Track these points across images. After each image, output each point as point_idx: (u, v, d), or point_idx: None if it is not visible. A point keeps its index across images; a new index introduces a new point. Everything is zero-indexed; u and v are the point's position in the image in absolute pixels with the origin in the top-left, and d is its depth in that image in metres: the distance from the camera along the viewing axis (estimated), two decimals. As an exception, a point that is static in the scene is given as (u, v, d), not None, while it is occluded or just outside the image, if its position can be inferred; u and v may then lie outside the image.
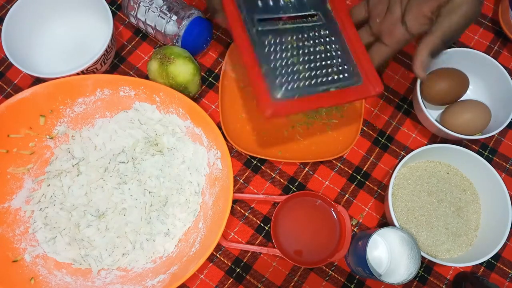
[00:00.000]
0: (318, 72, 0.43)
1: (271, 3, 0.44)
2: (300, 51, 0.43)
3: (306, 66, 0.43)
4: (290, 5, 0.44)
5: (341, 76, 0.44)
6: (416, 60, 0.42)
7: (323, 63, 0.44)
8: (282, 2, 0.44)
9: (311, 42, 0.44)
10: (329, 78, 0.43)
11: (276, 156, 0.55)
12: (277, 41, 0.43)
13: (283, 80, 0.42)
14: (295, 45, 0.43)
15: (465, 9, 0.38)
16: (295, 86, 0.42)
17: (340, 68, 0.44)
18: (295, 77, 0.42)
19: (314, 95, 0.42)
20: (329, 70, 0.44)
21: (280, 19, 0.44)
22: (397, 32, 0.42)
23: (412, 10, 0.41)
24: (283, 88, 0.41)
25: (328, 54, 0.44)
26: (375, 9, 0.45)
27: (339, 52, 0.45)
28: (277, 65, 0.42)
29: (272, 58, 0.42)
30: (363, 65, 0.45)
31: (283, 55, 0.43)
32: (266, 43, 0.43)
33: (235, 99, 0.58)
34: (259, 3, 0.44)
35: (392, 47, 0.44)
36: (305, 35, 0.44)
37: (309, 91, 0.42)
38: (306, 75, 0.43)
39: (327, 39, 0.45)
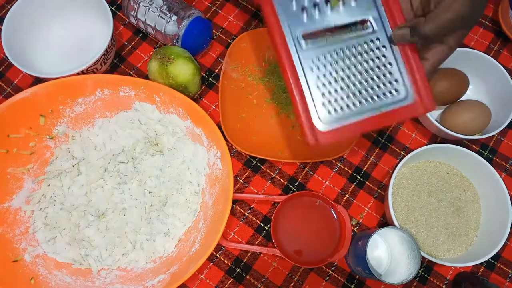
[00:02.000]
0: (368, 93, 0.39)
1: (317, 12, 0.38)
2: (350, 70, 0.39)
3: (356, 88, 0.39)
4: (338, 13, 0.39)
5: (393, 94, 0.39)
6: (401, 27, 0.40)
7: (374, 81, 0.39)
8: (329, 10, 0.39)
9: (361, 56, 0.39)
10: (380, 99, 0.39)
11: (276, 156, 0.55)
12: (325, 60, 0.39)
13: (330, 108, 0.38)
14: (343, 63, 0.39)
15: (456, 7, 0.37)
16: (342, 112, 0.38)
17: (392, 85, 0.40)
18: (343, 103, 0.39)
19: (363, 119, 0.39)
20: (380, 89, 0.39)
21: (327, 31, 0.39)
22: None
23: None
24: (331, 117, 0.38)
25: (379, 70, 0.40)
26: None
27: (390, 65, 0.40)
28: (325, 90, 0.38)
29: (319, 81, 0.38)
30: (416, 79, 0.40)
31: (331, 77, 0.39)
32: (313, 63, 0.38)
33: (235, 99, 0.58)
34: (304, 15, 0.38)
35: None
36: (355, 49, 0.39)
37: (358, 116, 0.39)
38: (355, 100, 0.39)
39: (378, 50, 0.40)
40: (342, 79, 0.39)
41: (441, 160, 0.56)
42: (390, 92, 0.40)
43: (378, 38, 0.40)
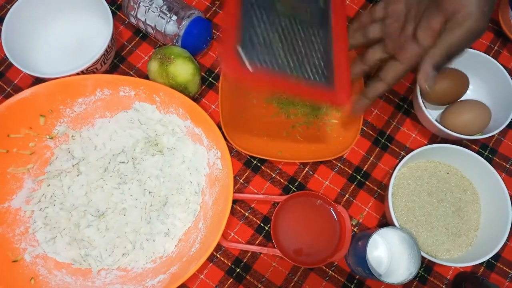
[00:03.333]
0: (293, 57, 0.42)
1: None
2: (285, 32, 0.42)
3: (284, 46, 0.41)
4: None
5: (314, 69, 0.42)
6: (420, 72, 0.42)
7: (302, 51, 0.42)
8: None
9: (299, 30, 0.43)
10: (302, 67, 0.42)
11: (276, 156, 0.55)
12: (268, 13, 0.42)
13: (258, 46, 0.40)
14: (283, 25, 0.42)
15: (469, 24, 0.38)
16: (266, 56, 0.40)
17: (316, 63, 0.43)
18: (269, 50, 0.40)
19: (282, 74, 0.40)
20: (305, 60, 0.42)
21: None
22: (410, 48, 0.43)
23: (422, 25, 0.42)
24: (254, 52, 0.39)
25: (309, 48, 0.43)
26: (390, 28, 0.45)
27: (320, 51, 0.44)
28: (258, 32, 0.40)
29: (255, 24, 0.41)
30: (341, 74, 0.44)
31: (267, 28, 0.41)
32: (257, 10, 0.41)
33: (235, 99, 0.58)
34: None
35: (405, 63, 0.44)
36: (297, 23, 0.43)
37: (279, 67, 0.40)
38: (281, 52, 0.41)
39: (315, 34, 0.44)
40: (275, 35, 0.41)
41: (441, 160, 0.56)
42: (312, 68, 0.42)
43: (318, 27, 0.44)
